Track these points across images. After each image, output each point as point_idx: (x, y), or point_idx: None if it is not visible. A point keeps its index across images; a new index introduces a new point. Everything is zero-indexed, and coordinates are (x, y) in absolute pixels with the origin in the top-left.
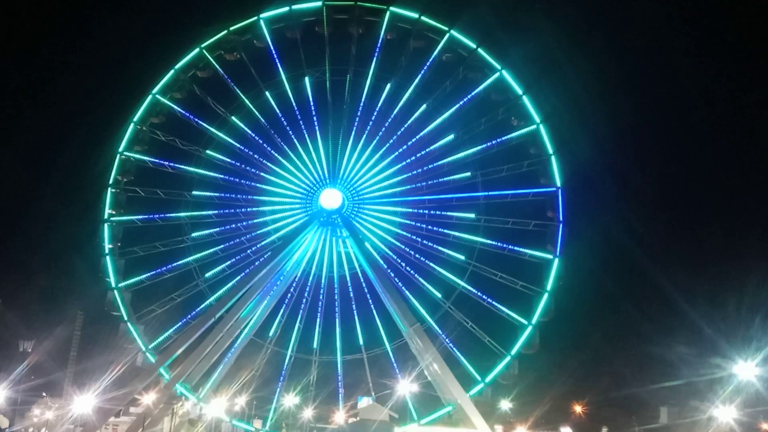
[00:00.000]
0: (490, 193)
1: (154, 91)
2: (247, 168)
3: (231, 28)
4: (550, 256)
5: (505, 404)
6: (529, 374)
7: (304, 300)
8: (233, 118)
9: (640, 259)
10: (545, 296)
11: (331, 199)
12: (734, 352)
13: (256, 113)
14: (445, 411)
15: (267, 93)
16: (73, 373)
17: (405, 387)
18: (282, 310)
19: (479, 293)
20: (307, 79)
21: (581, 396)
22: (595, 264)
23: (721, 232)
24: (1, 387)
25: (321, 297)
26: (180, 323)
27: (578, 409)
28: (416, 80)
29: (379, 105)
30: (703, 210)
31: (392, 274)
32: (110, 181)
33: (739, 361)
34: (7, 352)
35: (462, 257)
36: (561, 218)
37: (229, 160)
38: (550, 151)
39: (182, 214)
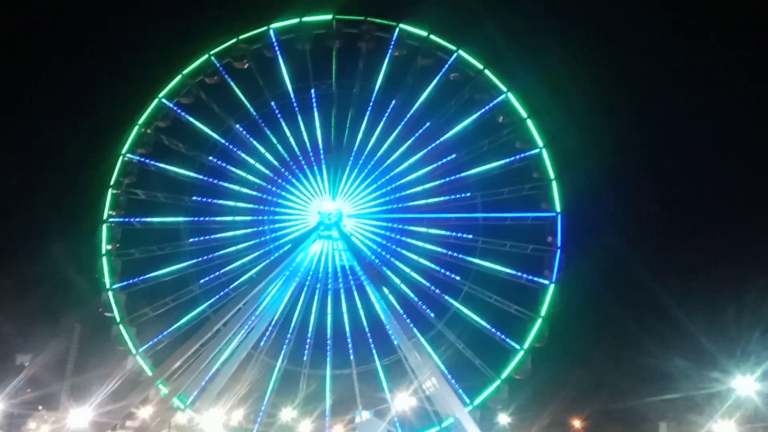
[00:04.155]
0: (490, 214)
1: (161, 94)
2: (248, 176)
3: (241, 37)
4: (546, 282)
5: (504, 419)
6: (526, 390)
7: (297, 311)
8: (237, 126)
9: (638, 273)
10: (539, 322)
11: (329, 211)
12: (733, 367)
13: (261, 123)
14: (448, 422)
15: (272, 103)
16: (69, 386)
17: (403, 401)
18: (274, 321)
19: (473, 315)
20: (313, 91)
21: (580, 411)
22: (593, 285)
23: (720, 246)
24: None
25: (314, 309)
26: (172, 328)
27: (577, 423)
28: (422, 98)
29: (383, 121)
30: (702, 224)
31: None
32: (112, 182)
33: (738, 376)
34: (4, 365)
35: (457, 277)
36: (559, 244)
37: (230, 168)
38: (552, 175)
39: (181, 219)
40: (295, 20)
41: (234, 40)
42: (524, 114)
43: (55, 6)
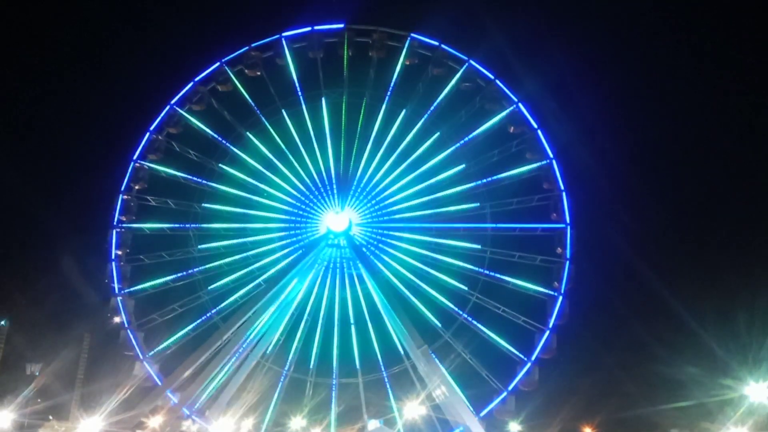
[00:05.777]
0: (498, 225)
1: (173, 101)
2: (259, 184)
3: (253, 44)
4: (554, 293)
5: (514, 427)
6: (536, 399)
7: (305, 319)
8: (248, 133)
9: (648, 284)
10: (546, 333)
11: (338, 220)
12: (746, 373)
13: (271, 130)
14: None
15: (283, 111)
16: (80, 396)
17: (411, 410)
18: (281, 328)
19: (480, 325)
20: (323, 99)
21: (591, 418)
22: (602, 296)
23: (730, 253)
24: (7, 410)
25: (321, 318)
26: (180, 334)
27: (588, 431)
28: (432, 107)
29: (393, 130)
30: (712, 233)
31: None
32: (122, 188)
33: (751, 382)
34: (14, 374)
35: (465, 288)
36: (568, 255)
37: (241, 175)
38: (562, 187)
39: (190, 226)
40: (307, 28)
41: (246, 48)
42: (535, 125)
43: (69, 13)
